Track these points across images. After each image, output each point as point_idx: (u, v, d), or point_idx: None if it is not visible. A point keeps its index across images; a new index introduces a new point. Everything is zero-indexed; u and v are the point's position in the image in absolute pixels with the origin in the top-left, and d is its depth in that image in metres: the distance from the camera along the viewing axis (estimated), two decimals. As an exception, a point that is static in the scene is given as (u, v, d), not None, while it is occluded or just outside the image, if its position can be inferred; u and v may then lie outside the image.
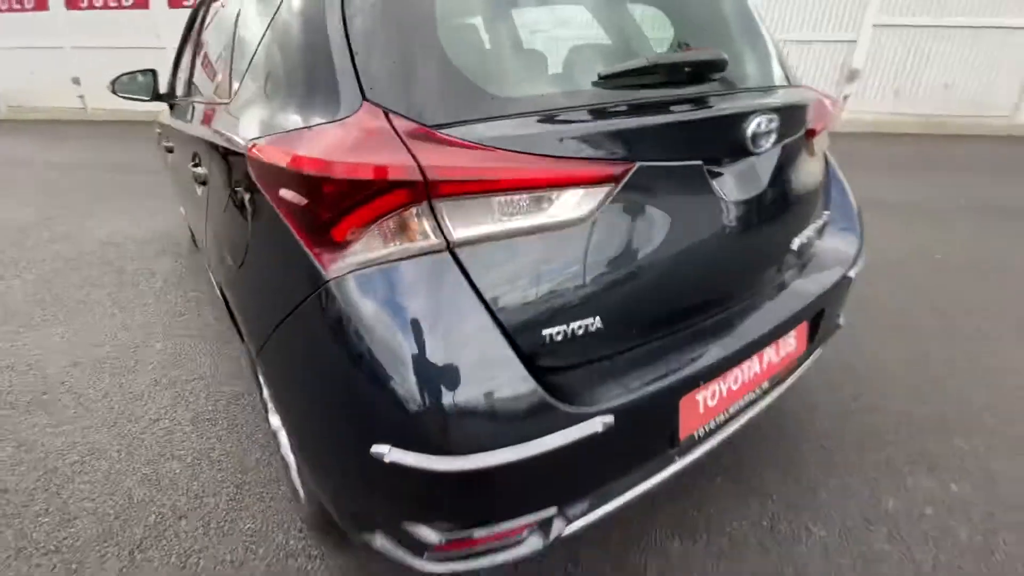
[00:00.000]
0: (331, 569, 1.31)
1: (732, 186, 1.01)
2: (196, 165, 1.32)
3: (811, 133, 1.25)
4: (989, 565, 1.30)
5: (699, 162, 0.96)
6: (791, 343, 1.24)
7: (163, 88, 2.55)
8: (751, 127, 0.99)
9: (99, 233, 3.73)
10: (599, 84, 0.92)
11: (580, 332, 0.87)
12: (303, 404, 0.91)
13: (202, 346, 2.31)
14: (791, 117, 1.13)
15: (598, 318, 0.88)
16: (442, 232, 0.76)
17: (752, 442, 1.68)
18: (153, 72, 2.54)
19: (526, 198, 0.80)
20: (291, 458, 1.27)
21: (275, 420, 1.40)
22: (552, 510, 0.89)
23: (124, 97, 2.50)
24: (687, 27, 1.24)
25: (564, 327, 0.85)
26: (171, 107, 2.44)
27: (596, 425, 0.82)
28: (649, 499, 1.48)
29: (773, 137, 1.04)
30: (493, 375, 0.77)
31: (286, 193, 0.81)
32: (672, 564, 1.31)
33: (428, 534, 0.85)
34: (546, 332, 0.84)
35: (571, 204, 0.83)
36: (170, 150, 1.96)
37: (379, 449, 0.76)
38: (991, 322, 2.40)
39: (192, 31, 2.16)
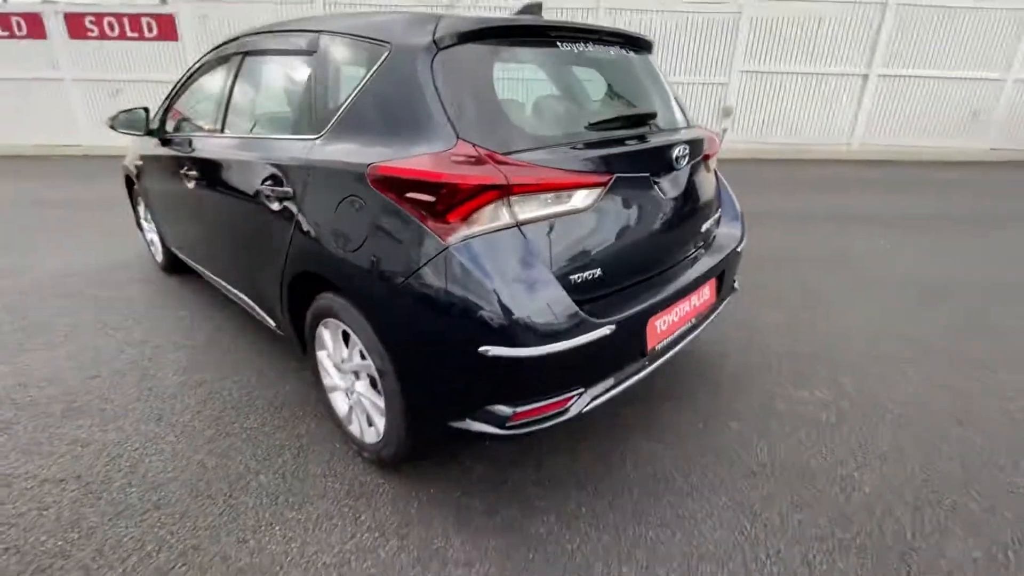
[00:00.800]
0: (396, 488, 1.70)
1: (666, 189, 1.62)
2: (276, 185, 1.71)
3: (707, 157, 1.92)
4: (840, 434, 1.98)
5: (647, 174, 1.56)
6: (706, 293, 1.87)
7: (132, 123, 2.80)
8: (675, 152, 1.61)
9: (49, 266, 3.69)
10: (589, 128, 1.50)
11: (589, 278, 1.41)
12: (420, 335, 1.34)
13: (215, 352, 2.55)
14: (695, 146, 1.77)
15: (599, 269, 1.43)
16: (513, 216, 1.28)
17: (686, 378, 2.31)
18: (146, 109, 2.80)
19: (556, 195, 1.34)
20: (368, 402, 1.67)
21: (333, 381, 1.79)
22: (581, 389, 1.41)
23: (122, 132, 2.74)
24: (628, 92, 1.87)
25: (581, 274, 1.39)
26: (164, 141, 2.71)
27: (606, 330, 1.36)
28: (624, 417, 2.04)
29: (687, 159, 1.68)
30: (550, 300, 1.29)
31: (413, 195, 1.28)
32: (640, 455, 1.86)
33: (504, 410, 1.33)
34: (571, 277, 1.37)
35: (580, 199, 1.38)
36: (198, 178, 2.25)
37: (484, 348, 1.24)
38: (841, 293, 3.30)
39: (205, 76, 2.49)
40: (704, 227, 1.91)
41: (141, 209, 3.53)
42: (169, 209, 2.86)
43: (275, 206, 1.73)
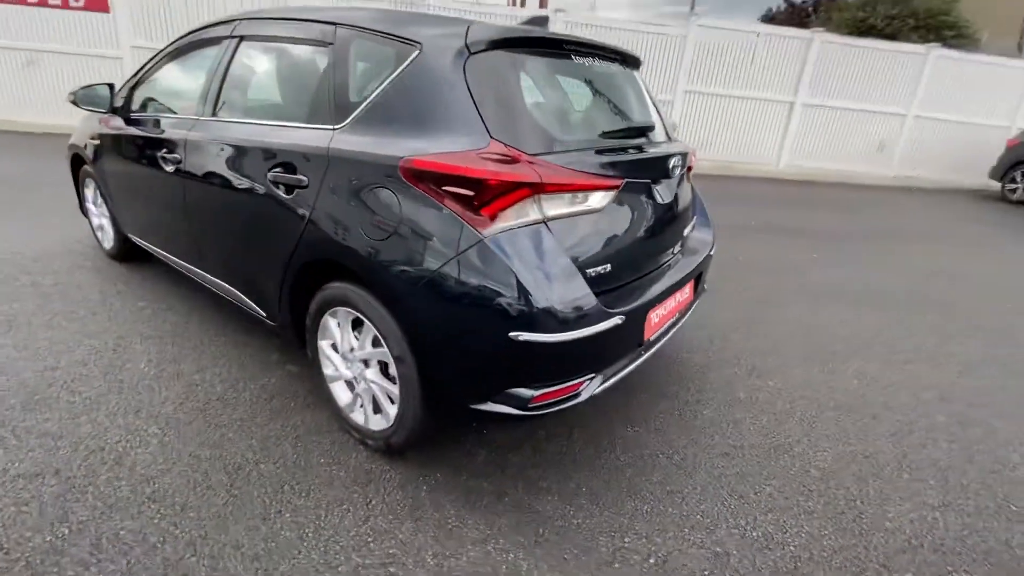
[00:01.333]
0: (403, 474, 1.75)
1: (663, 194, 1.79)
2: (287, 172, 1.70)
3: (689, 168, 2.12)
4: (794, 419, 2.25)
5: (648, 180, 1.72)
6: (687, 291, 2.06)
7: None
8: (671, 162, 1.79)
9: (-28, 251, 3.34)
10: (603, 136, 1.64)
11: (602, 272, 1.54)
12: (450, 322, 1.40)
13: (185, 343, 2.45)
14: (683, 158, 1.96)
15: (609, 265, 1.57)
16: (541, 212, 1.38)
17: (658, 373, 2.50)
18: (111, 86, 2.64)
19: (576, 195, 1.46)
20: (377, 389, 1.70)
21: (338, 370, 1.81)
22: (592, 374, 1.53)
23: (83, 108, 2.57)
24: (627, 106, 2.02)
25: (595, 268, 1.52)
26: (131, 121, 2.58)
27: (617, 320, 1.49)
28: (606, 408, 2.19)
29: (679, 169, 1.86)
30: (575, 290, 1.40)
31: (450, 188, 1.35)
32: (627, 440, 2.01)
33: (526, 392, 1.43)
34: (587, 271, 1.49)
35: (597, 200, 1.51)
36: (179, 162, 2.17)
37: (514, 334, 1.33)
38: (779, 294, 3.66)
39: (187, 57, 2.39)
40: (685, 231, 2.10)
41: (89, 192, 3.28)
42: (134, 193, 2.69)
43: (284, 194, 1.73)
